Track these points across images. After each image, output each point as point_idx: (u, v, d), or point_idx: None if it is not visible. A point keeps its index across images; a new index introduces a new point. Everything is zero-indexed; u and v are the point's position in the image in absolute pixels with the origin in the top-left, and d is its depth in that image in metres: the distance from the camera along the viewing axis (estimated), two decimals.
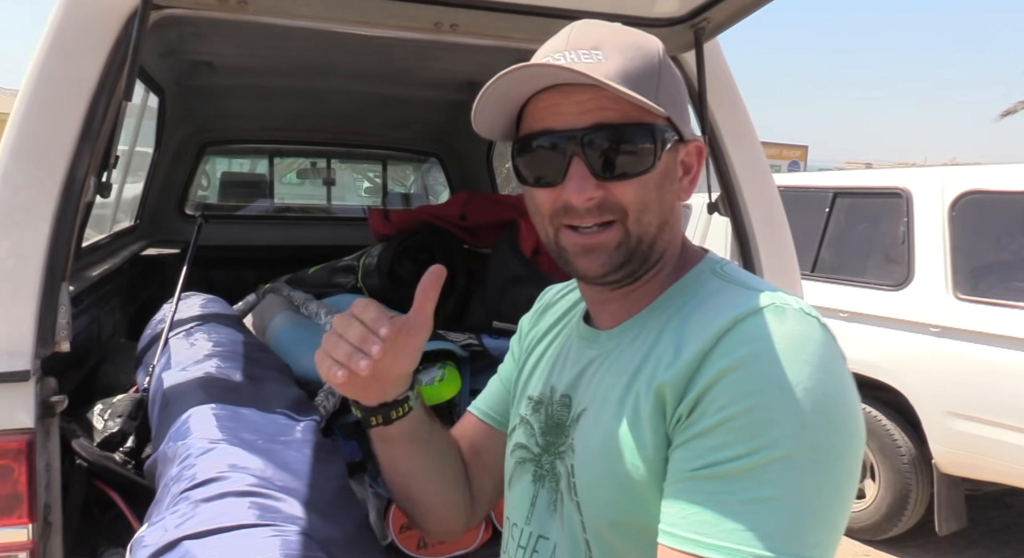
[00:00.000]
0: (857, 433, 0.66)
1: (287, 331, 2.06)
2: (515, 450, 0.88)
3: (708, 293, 0.76)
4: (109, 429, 1.54)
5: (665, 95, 0.75)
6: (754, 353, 0.65)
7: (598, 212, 0.74)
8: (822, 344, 0.67)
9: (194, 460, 1.06)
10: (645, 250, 0.77)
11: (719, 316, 0.69)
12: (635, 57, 0.74)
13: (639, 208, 0.75)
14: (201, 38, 2.26)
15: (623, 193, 0.74)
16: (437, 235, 2.01)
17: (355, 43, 2.18)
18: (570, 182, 0.74)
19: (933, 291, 3.35)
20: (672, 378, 0.69)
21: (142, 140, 2.87)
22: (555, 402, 0.84)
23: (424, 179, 4.59)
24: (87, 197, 1.33)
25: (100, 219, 2.68)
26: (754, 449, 0.62)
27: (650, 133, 0.74)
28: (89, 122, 1.28)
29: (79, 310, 1.83)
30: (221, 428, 1.17)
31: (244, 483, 0.98)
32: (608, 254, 0.76)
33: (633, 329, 0.79)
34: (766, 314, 0.68)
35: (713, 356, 0.67)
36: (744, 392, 0.64)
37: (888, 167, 4.84)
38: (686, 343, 0.70)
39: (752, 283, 0.75)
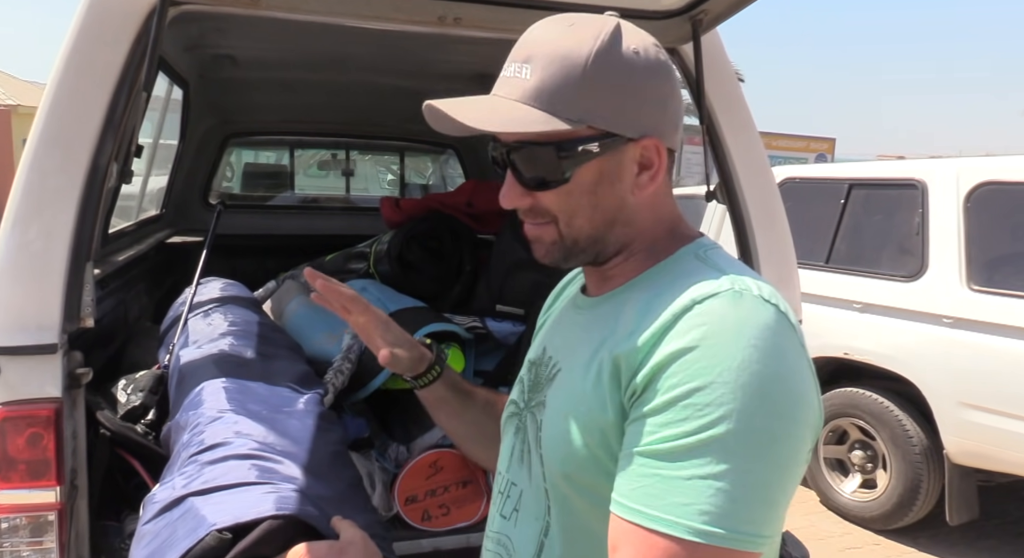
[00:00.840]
0: (803, 419, 0.68)
1: (301, 314, 2.14)
2: (509, 405, 0.95)
3: (681, 273, 0.78)
4: (131, 402, 1.64)
5: (591, 102, 0.77)
6: (706, 335, 0.68)
7: (531, 215, 0.82)
8: (774, 330, 0.69)
9: (203, 428, 1.14)
10: (586, 246, 0.81)
11: (681, 296, 0.72)
12: (556, 72, 0.76)
13: (567, 214, 0.80)
14: (221, 32, 2.34)
15: (548, 201, 0.80)
16: (444, 222, 2.07)
17: (368, 37, 2.23)
18: (503, 188, 0.82)
19: (947, 282, 3.35)
20: (628, 350, 0.73)
21: (167, 132, 2.98)
22: (543, 363, 0.89)
23: (442, 170, 4.65)
24: (110, 183, 1.41)
25: (127, 208, 2.78)
26: (699, 428, 0.65)
27: (554, 150, 0.77)
28: (112, 112, 1.37)
29: (106, 292, 1.93)
30: (229, 399, 1.25)
31: (246, 447, 1.05)
32: (546, 247, 0.83)
33: (612, 301, 0.83)
34: (724, 297, 0.71)
35: (669, 335, 0.70)
36: (694, 372, 0.67)
37: (920, 159, 4.79)
38: (647, 319, 0.73)
39: (725, 267, 0.77)
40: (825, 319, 3.76)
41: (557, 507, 0.80)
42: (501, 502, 0.90)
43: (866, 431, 3.68)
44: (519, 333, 1.81)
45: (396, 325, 1.12)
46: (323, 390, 1.56)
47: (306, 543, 0.89)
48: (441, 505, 1.73)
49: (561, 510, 0.80)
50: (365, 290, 1.94)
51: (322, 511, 0.94)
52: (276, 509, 0.89)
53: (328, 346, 1.88)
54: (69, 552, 1.32)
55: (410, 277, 2.03)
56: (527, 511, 0.85)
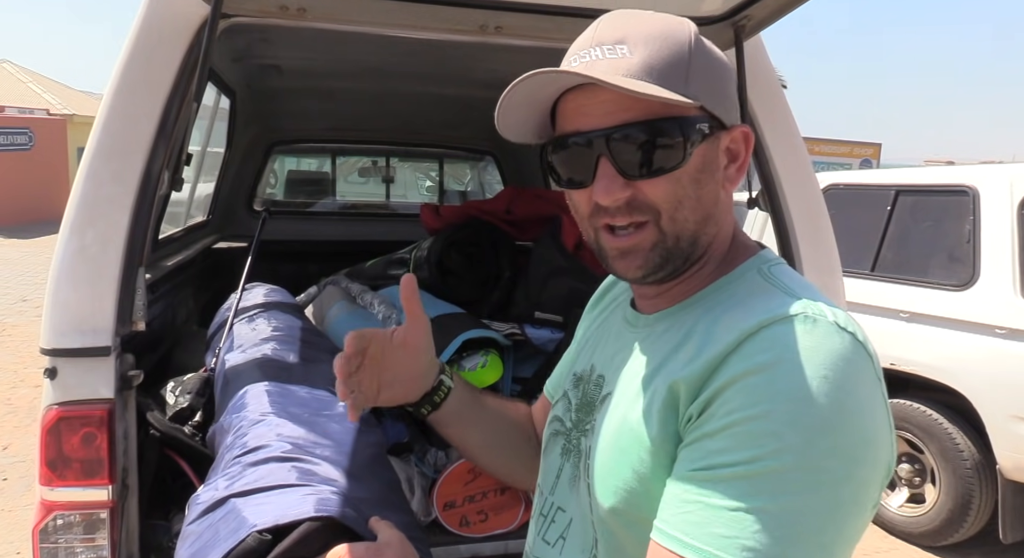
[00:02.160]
0: (870, 461, 0.63)
1: (342, 320, 2.17)
2: (552, 422, 0.92)
3: (746, 293, 0.74)
4: (179, 404, 1.68)
5: (698, 83, 0.72)
6: (772, 361, 0.63)
7: (628, 211, 0.73)
8: (849, 361, 0.64)
9: (246, 430, 1.17)
10: (685, 248, 0.75)
11: (747, 319, 0.67)
12: (662, 47, 0.71)
13: (672, 205, 0.73)
14: (268, 43, 2.39)
15: (653, 191, 0.73)
16: (483, 229, 2.09)
17: (410, 46, 2.27)
18: (598, 182, 0.73)
19: (1000, 291, 3.24)
20: (689, 376, 0.68)
21: (215, 140, 3.05)
22: (591, 380, 0.86)
23: (480, 177, 4.68)
24: (162, 190, 1.46)
25: (176, 214, 2.86)
26: (753, 458, 0.60)
27: (678, 127, 0.71)
28: (164, 122, 1.41)
29: (155, 297, 1.99)
30: (272, 403, 1.28)
31: (287, 450, 1.08)
32: (643, 256, 0.74)
33: (668, 320, 0.78)
34: (795, 322, 0.65)
35: (732, 359, 0.65)
36: (755, 399, 0.62)
37: (970, 164, 4.66)
38: (710, 342, 0.69)
39: (794, 288, 0.72)
40: (870, 329, 3.65)
41: (605, 542, 0.76)
42: (544, 526, 0.86)
43: (914, 444, 3.58)
44: (557, 340, 1.81)
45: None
46: None
47: (346, 545, 0.89)
48: (479, 511, 1.73)
49: (609, 545, 0.76)
50: None
51: (360, 513, 0.96)
52: (316, 511, 0.91)
53: None
54: (120, 550, 1.36)
55: (449, 283, 2.04)
56: (574, 541, 0.81)
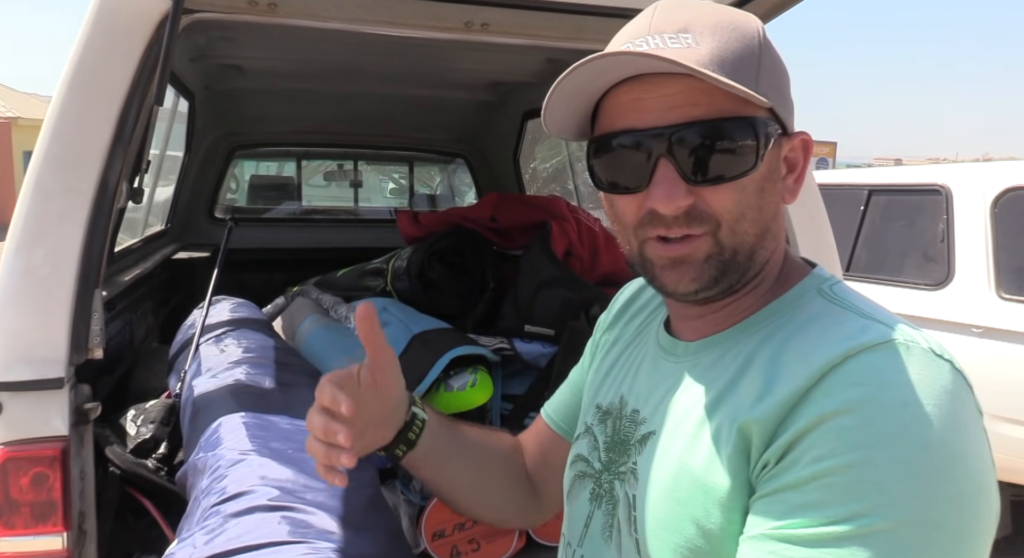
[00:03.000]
0: (985, 511, 0.55)
1: (317, 335, 2.05)
2: (575, 462, 0.81)
3: (811, 315, 0.65)
4: (142, 435, 1.54)
5: (767, 82, 0.64)
6: (866, 398, 0.54)
7: (686, 221, 0.64)
8: (954, 395, 0.56)
9: (224, 472, 1.05)
10: (742, 263, 0.66)
11: (825, 347, 0.58)
12: (731, 39, 0.63)
13: (735, 216, 0.65)
14: (230, 42, 2.26)
15: (717, 200, 0.64)
16: (467, 237, 1.98)
17: (383, 45, 2.17)
18: (657, 187, 0.64)
19: (975, 290, 3.25)
20: (761, 416, 0.58)
21: (172, 144, 2.89)
22: (624, 416, 0.75)
23: (450, 180, 4.57)
24: (120, 203, 1.33)
25: (131, 223, 2.70)
26: (853, 514, 0.51)
27: (751, 128, 0.63)
28: (121, 127, 1.28)
29: (111, 315, 1.84)
30: (251, 438, 1.16)
31: (274, 496, 0.96)
32: (697, 267, 0.65)
33: (718, 347, 0.68)
34: (886, 350, 0.57)
35: (814, 395, 0.56)
36: (849, 444, 0.53)
37: (918, 163, 4.73)
38: (781, 375, 0.60)
39: (867, 309, 0.64)
40: None
41: None
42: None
43: None
44: (550, 355, 1.72)
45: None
46: None
47: None
48: (471, 540, 1.63)
49: None
50: (385, 310, 1.84)
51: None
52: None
53: None
54: None
55: (431, 295, 1.93)
56: None
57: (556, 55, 2.40)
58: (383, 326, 1.83)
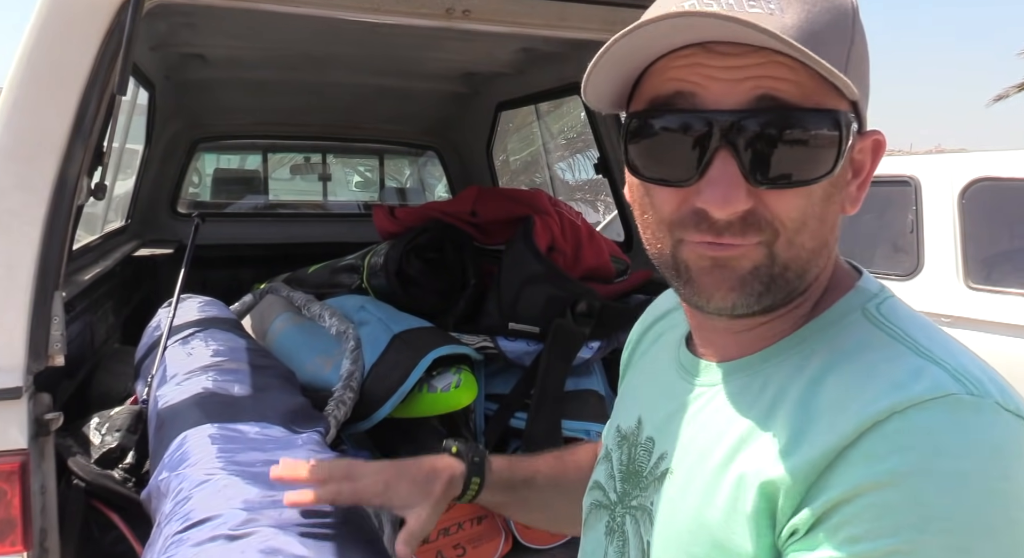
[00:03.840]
0: None
1: (289, 334, 1.97)
2: (593, 488, 0.74)
3: (855, 345, 0.54)
4: (107, 444, 1.46)
5: (855, 68, 0.53)
6: (914, 469, 0.44)
7: (740, 228, 0.53)
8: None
9: (187, 494, 0.98)
10: (791, 279, 0.55)
11: (868, 395, 0.48)
12: (823, 11, 0.52)
13: (796, 225, 0.54)
14: (193, 29, 2.16)
15: (781, 205, 0.53)
16: (446, 232, 1.92)
17: (355, 33, 2.09)
18: (712, 187, 0.52)
19: (944, 280, 3.30)
20: (788, 475, 0.49)
21: (132, 137, 2.78)
22: (639, 443, 0.67)
23: (420, 173, 4.50)
24: (80, 199, 1.24)
25: (90, 219, 2.58)
26: None
27: (835, 123, 0.52)
28: (81, 119, 1.19)
29: (71, 317, 1.74)
30: (218, 452, 1.09)
31: (240, 522, 0.90)
32: (740, 277, 0.55)
33: (745, 372, 0.59)
34: (943, 406, 0.46)
35: (851, 457, 0.47)
36: (891, 525, 0.44)
37: (912, 156, 4.79)
38: (814, 424, 0.50)
39: (923, 341, 0.52)
40: None
41: None
42: None
43: None
44: (535, 353, 1.68)
45: (399, 471, 0.88)
46: (323, 426, 1.40)
47: None
48: (456, 545, 1.58)
49: None
50: (363, 308, 1.78)
51: None
52: None
53: (323, 372, 1.72)
54: None
55: (410, 292, 1.87)
56: None
57: (533, 45, 2.35)
58: (361, 325, 1.78)
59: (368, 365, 1.59)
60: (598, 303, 1.66)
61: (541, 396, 1.61)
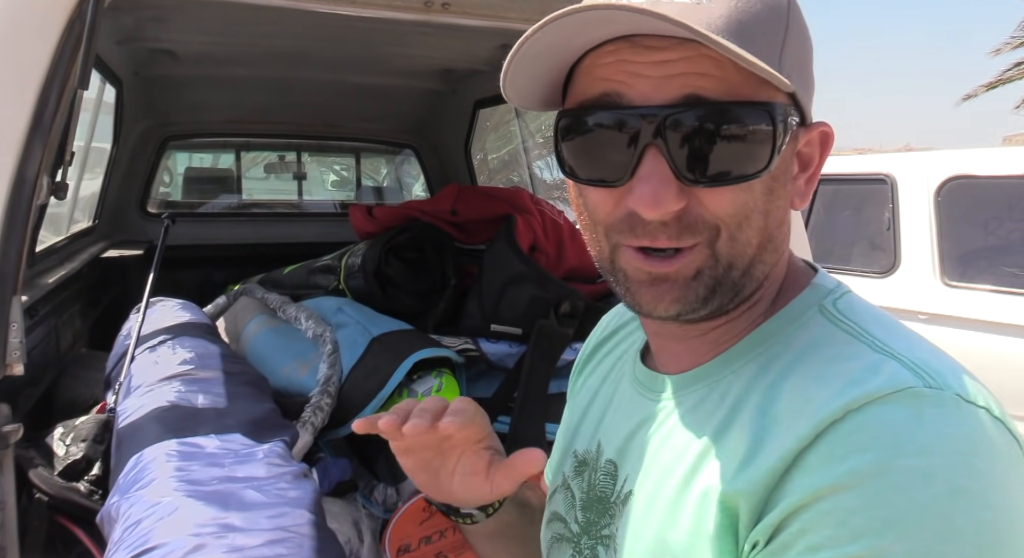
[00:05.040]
0: None
1: (264, 337, 1.92)
2: (552, 522, 0.69)
3: (811, 345, 0.52)
4: (72, 455, 1.39)
5: (791, 59, 0.52)
6: (873, 469, 0.42)
7: (676, 230, 0.51)
8: (994, 458, 0.43)
9: (136, 519, 0.94)
10: (736, 279, 0.53)
11: (824, 394, 0.47)
12: (754, 1, 0.50)
13: (736, 223, 0.52)
14: (161, 23, 2.09)
15: (717, 203, 0.51)
16: (426, 232, 1.88)
17: (330, 28, 2.04)
18: (642, 185, 0.50)
19: (921, 277, 3.32)
20: (747, 487, 0.47)
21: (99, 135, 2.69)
22: (600, 468, 0.64)
23: (397, 171, 4.44)
24: (40, 199, 1.18)
25: (55, 219, 2.50)
26: None
27: (768, 117, 0.50)
28: (40, 114, 1.13)
29: (34, 322, 1.67)
30: (173, 472, 1.05)
31: (192, 548, 0.86)
32: (683, 286, 0.53)
33: (702, 383, 0.57)
34: (901, 401, 0.44)
35: (808, 461, 0.45)
36: (852, 531, 0.41)
37: (845, 154, 4.85)
38: (771, 431, 0.48)
39: (880, 335, 0.50)
40: None
41: None
42: None
43: None
44: (517, 355, 1.64)
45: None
46: (289, 435, 1.35)
47: None
48: (438, 553, 1.54)
49: None
50: (341, 310, 1.73)
51: None
52: None
53: (298, 376, 1.66)
54: None
55: (389, 293, 1.83)
56: None
57: (511, 41, 2.30)
58: (339, 328, 1.72)
59: (346, 369, 1.55)
60: (582, 303, 1.63)
61: (525, 399, 1.57)
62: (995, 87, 13.20)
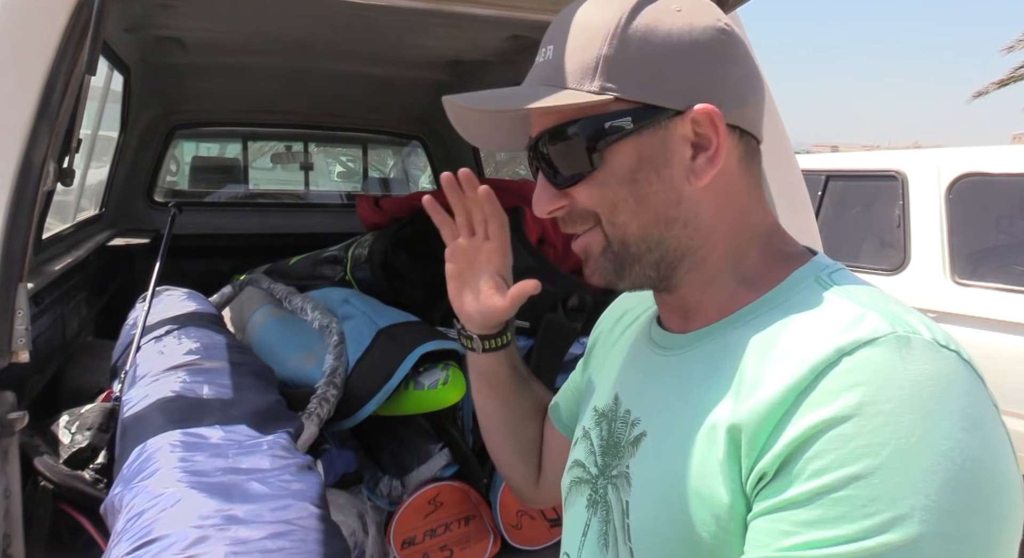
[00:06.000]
0: (1009, 515, 0.50)
1: (270, 328, 1.91)
2: (573, 467, 0.77)
3: (804, 304, 0.59)
4: (77, 443, 1.39)
5: (621, 70, 0.63)
6: (865, 399, 0.49)
7: (570, 221, 0.69)
8: (965, 390, 0.51)
9: (139, 511, 0.93)
10: (636, 252, 0.66)
11: (817, 342, 0.54)
12: (575, 42, 0.64)
13: (608, 209, 0.66)
14: (170, 11, 2.08)
15: (584, 198, 0.67)
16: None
17: (339, 17, 2.02)
18: (535, 194, 0.70)
19: (931, 275, 3.30)
20: (751, 418, 0.54)
21: (107, 123, 2.69)
22: (618, 417, 0.72)
23: (404, 163, 4.42)
24: (47, 185, 1.17)
25: (62, 207, 2.49)
26: (866, 531, 0.47)
27: (579, 128, 0.65)
28: (47, 100, 1.12)
29: (40, 309, 1.67)
30: (177, 463, 1.04)
31: (194, 540, 0.85)
32: (595, 262, 0.69)
33: (709, 339, 0.65)
34: (884, 344, 0.52)
35: (810, 397, 0.52)
36: (853, 454, 0.49)
37: (853, 150, 4.81)
38: (770, 371, 0.55)
39: (864, 297, 0.58)
40: None
41: None
42: None
43: None
44: (525, 348, 1.63)
45: None
46: (294, 426, 1.34)
47: None
48: (443, 546, 1.53)
49: None
50: (347, 301, 1.72)
51: None
52: None
53: (304, 367, 1.66)
54: None
55: (396, 285, 1.81)
56: None
57: (521, 31, 2.29)
58: (344, 320, 1.71)
59: (352, 361, 1.54)
60: (590, 297, 1.62)
61: None
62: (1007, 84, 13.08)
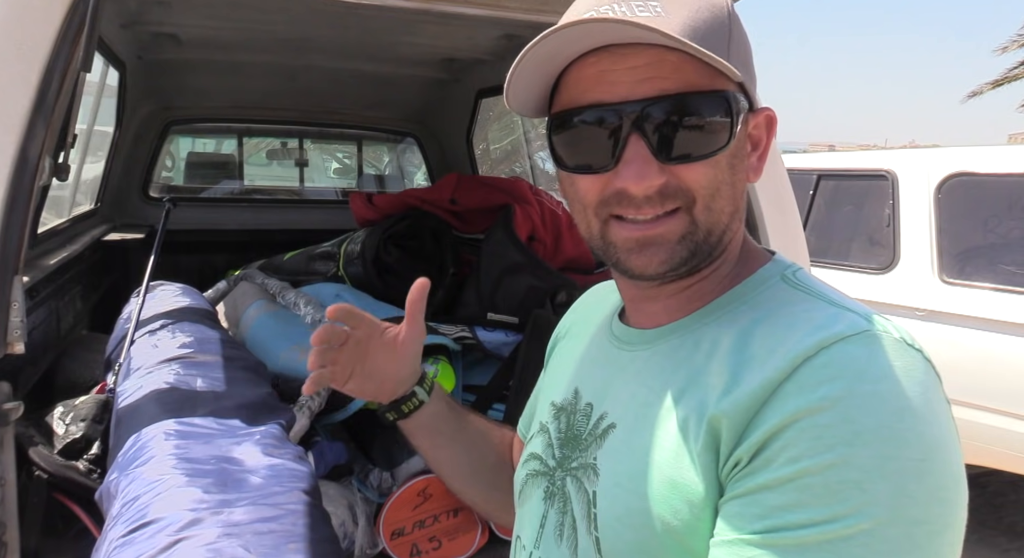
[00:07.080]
0: (960, 501, 0.54)
1: (263, 323, 1.93)
2: (528, 460, 0.78)
3: (778, 303, 0.63)
4: (71, 434, 1.41)
5: (737, 54, 0.63)
6: (842, 394, 0.52)
7: (659, 200, 0.62)
8: (926, 386, 0.54)
9: (134, 496, 0.96)
10: (713, 243, 0.64)
11: (796, 337, 0.56)
12: (702, 9, 0.61)
13: (710, 193, 0.62)
14: (165, 7, 2.09)
15: (691, 176, 0.62)
16: (425, 220, 1.89)
17: (333, 15, 2.04)
18: (627, 167, 0.61)
19: (919, 274, 3.33)
20: (730, 409, 0.56)
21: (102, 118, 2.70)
22: (578, 410, 0.73)
23: (399, 160, 4.44)
24: (42, 180, 1.19)
25: (58, 201, 2.51)
26: (835, 516, 0.50)
27: (724, 102, 0.61)
28: (42, 96, 1.14)
29: (35, 302, 1.69)
30: (172, 451, 1.06)
31: (188, 522, 0.87)
32: (669, 249, 0.63)
33: (676, 335, 0.66)
34: (859, 341, 0.55)
35: (787, 389, 0.54)
36: (826, 443, 0.51)
37: (850, 149, 4.84)
38: (749, 365, 0.57)
39: (834, 297, 0.62)
40: None
41: None
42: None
43: None
44: (513, 344, 1.65)
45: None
46: (285, 418, 1.36)
47: None
48: (431, 538, 1.56)
49: None
50: (339, 297, 1.74)
51: None
52: None
53: (297, 361, 1.68)
54: None
55: (387, 281, 1.84)
56: None
57: (514, 30, 2.31)
58: None
59: None
60: (578, 293, 1.64)
61: (520, 387, 1.58)
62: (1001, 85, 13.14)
